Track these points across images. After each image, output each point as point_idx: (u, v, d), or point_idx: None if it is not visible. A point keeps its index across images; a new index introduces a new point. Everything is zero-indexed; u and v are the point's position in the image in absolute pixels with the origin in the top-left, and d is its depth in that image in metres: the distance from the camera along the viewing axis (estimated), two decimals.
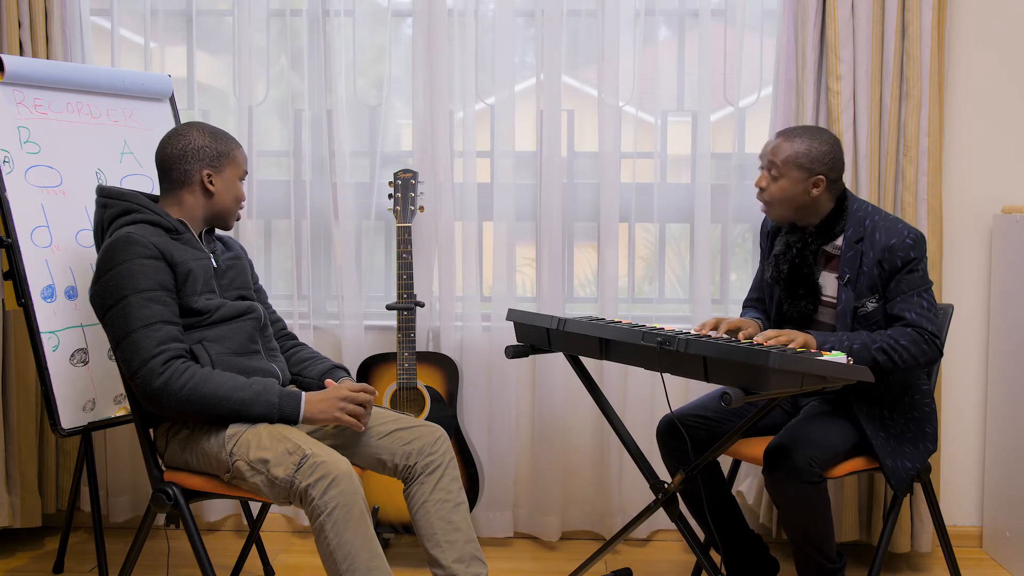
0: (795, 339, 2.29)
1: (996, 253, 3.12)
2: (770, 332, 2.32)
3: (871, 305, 2.43)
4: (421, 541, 2.27)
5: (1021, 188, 3.15)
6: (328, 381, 2.39)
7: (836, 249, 2.50)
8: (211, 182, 2.34)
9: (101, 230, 2.35)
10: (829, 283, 2.52)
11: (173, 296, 2.22)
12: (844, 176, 2.96)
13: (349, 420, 2.24)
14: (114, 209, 2.32)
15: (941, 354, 2.42)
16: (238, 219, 2.45)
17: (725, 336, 2.41)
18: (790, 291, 2.55)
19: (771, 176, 2.48)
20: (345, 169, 3.19)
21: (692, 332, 2.39)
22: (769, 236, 2.69)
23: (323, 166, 3.23)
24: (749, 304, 2.79)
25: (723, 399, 2.00)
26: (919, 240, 2.41)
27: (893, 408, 2.47)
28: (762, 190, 2.51)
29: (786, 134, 2.48)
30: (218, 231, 2.51)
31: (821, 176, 2.44)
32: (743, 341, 2.29)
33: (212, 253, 2.39)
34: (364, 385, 2.31)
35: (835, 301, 2.48)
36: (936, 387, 2.75)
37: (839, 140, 2.50)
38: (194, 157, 2.34)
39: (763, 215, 2.80)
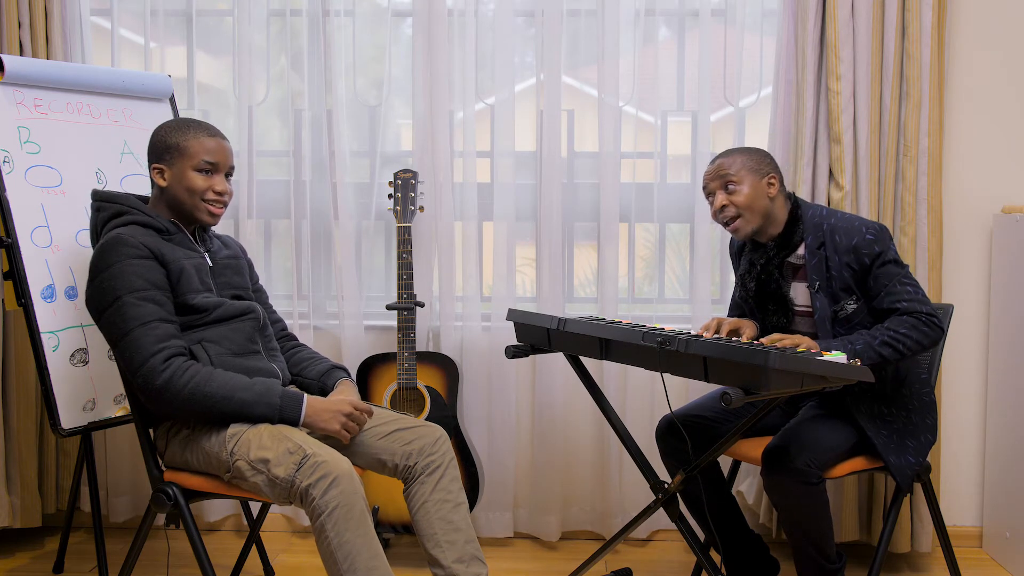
0: (800, 343, 2.29)
1: (996, 253, 3.12)
2: (775, 336, 2.32)
3: (851, 307, 2.43)
4: (421, 541, 2.27)
5: (1021, 188, 3.15)
6: (342, 384, 2.41)
7: (799, 259, 2.50)
8: (163, 177, 2.33)
9: (96, 233, 2.36)
10: (800, 293, 2.52)
11: (167, 295, 2.22)
12: (845, 177, 2.98)
13: (345, 436, 2.26)
14: (107, 212, 2.33)
15: (944, 332, 2.42)
16: (213, 215, 2.34)
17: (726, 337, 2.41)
18: (761, 307, 2.57)
19: (728, 192, 2.48)
20: (345, 169, 3.19)
21: (693, 334, 2.39)
22: (737, 255, 2.70)
23: (323, 166, 3.23)
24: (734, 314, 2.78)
25: (723, 399, 2.00)
26: (880, 232, 2.41)
27: (891, 404, 2.47)
28: (724, 208, 2.49)
29: (723, 155, 2.53)
30: (215, 230, 2.51)
31: (772, 175, 2.48)
32: (743, 341, 2.29)
33: (208, 251, 2.39)
34: (367, 407, 2.32)
35: (810, 310, 2.48)
36: (936, 385, 2.75)
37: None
38: (150, 152, 2.35)
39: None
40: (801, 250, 2.49)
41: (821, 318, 2.44)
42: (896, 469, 2.41)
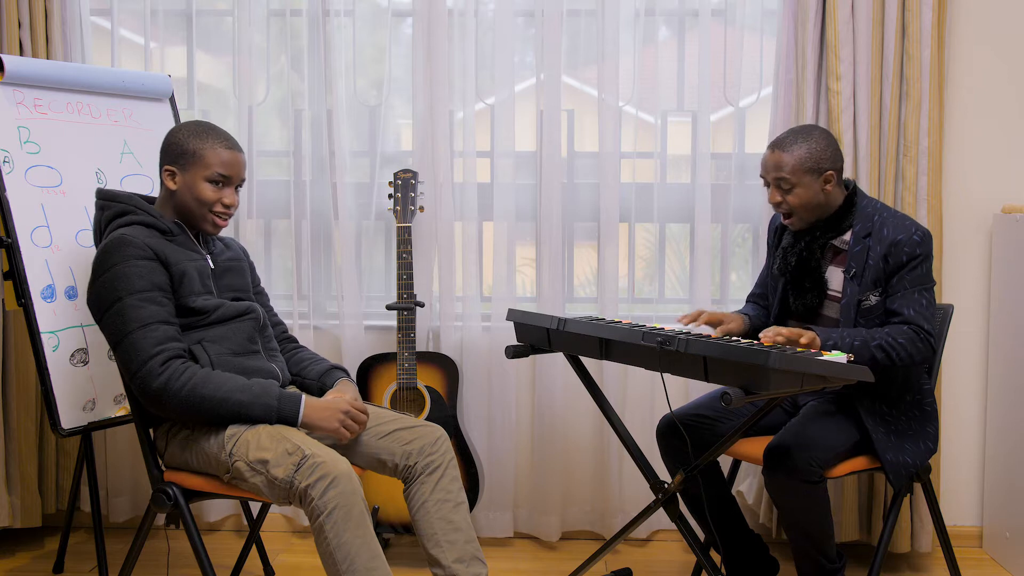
0: (800, 336, 2.29)
1: (996, 253, 3.12)
2: (769, 331, 2.30)
3: (874, 299, 2.44)
4: (421, 541, 2.27)
5: (1021, 188, 3.15)
6: (341, 383, 2.41)
7: (844, 244, 2.51)
8: (173, 180, 2.32)
9: (99, 232, 2.36)
10: (835, 277, 2.52)
11: (169, 296, 2.22)
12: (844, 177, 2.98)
13: (344, 434, 2.25)
14: (111, 211, 2.33)
15: (934, 352, 2.43)
16: (217, 226, 2.33)
17: (724, 336, 2.41)
18: (796, 284, 2.56)
19: (783, 190, 2.46)
20: (345, 169, 3.19)
21: (675, 322, 2.41)
22: (776, 232, 2.70)
23: (323, 166, 3.23)
24: (752, 299, 2.81)
25: (723, 399, 2.00)
26: (926, 238, 2.42)
27: (894, 405, 2.47)
28: (778, 204, 2.49)
29: (781, 145, 2.45)
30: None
31: (831, 171, 2.45)
32: (743, 341, 2.29)
33: (210, 253, 2.39)
34: (363, 406, 2.32)
35: (840, 295, 2.49)
36: (936, 387, 2.75)
37: (830, 131, 2.50)
38: (164, 153, 2.33)
39: (768, 214, 2.79)
40: (847, 236, 2.49)
41: (847, 304, 2.45)
42: (891, 467, 2.40)
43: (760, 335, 2.29)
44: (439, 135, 3.15)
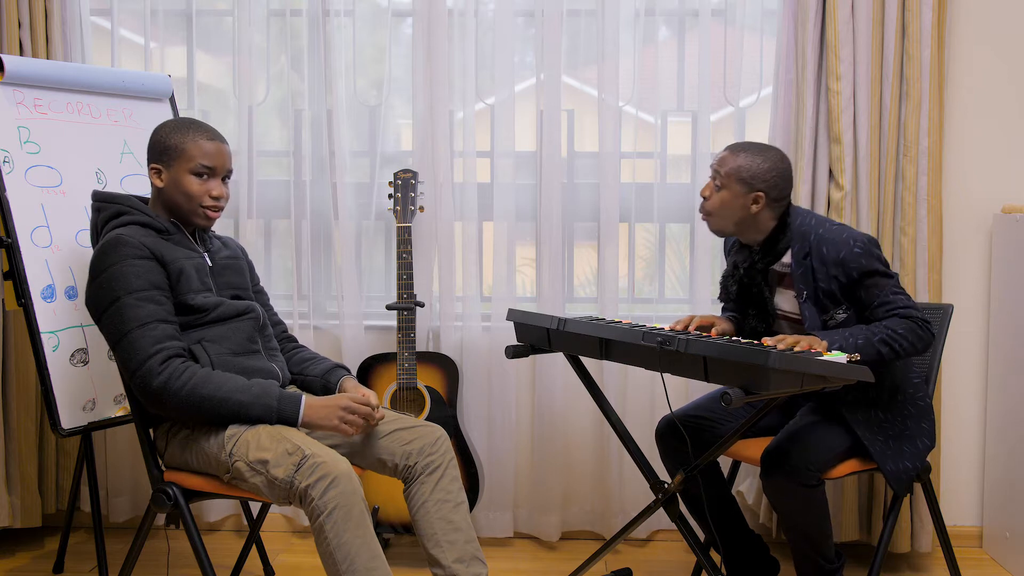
0: (799, 341, 2.28)
1: (996, 253, 3.12)
2: (770, 341, 2.29)
3: (841, 315, 2.40)
4: (421, 541, 2.27)
5: (1021, 188, 3.15)
6: (346, 382, 2.41)
7: (785, 267, 2.48)
8: (160, 178, 2.31)
9: (96, 233, 2.36)
10: (787, 300, 2.50)
11: (167, 295, 2.22)
12: (845, 177, 2.98)
13: (346, 430, 2.23)
14: (107, 212, 2.33)
15: (933, 336, 2.40)
16: (209, 218, 2.33)
17: (724, 336, 2.41)
18: (741, 310, 2.57)
19: (716, 186, 2.46)
20: (345, 169, 3.19)
21: (666, 329, 2.40)
22: (730, 253, 2.69)
23: (323, 166, 3.23)
24: (726, 311, 2.79)
25: (723, 399, 2.00)
26: (867, 244, 2.37)
27: (887, 410, 2.46)
28: (705, 199, 2.49)
29: (733, 148, 2.47)
30: (215, 230, 2.51)
31: (760, 193, 2.41)
32: (743, 340, 2.29)
33: (208, 252, 2.39)
34: (367, 398, 2.30)
35: (799, 317, 2.47)
36: (936, 387, 2.75)
37: (787, 161, 2.46)
38: (149, 151, 2.33)
39: None
40: (787, 258, 2.47)
41: (811, 327, 2.42)
42: (892, 476, 2.40)
43: (763, 341, 2.29)
44: (439, 135, 3.15)
